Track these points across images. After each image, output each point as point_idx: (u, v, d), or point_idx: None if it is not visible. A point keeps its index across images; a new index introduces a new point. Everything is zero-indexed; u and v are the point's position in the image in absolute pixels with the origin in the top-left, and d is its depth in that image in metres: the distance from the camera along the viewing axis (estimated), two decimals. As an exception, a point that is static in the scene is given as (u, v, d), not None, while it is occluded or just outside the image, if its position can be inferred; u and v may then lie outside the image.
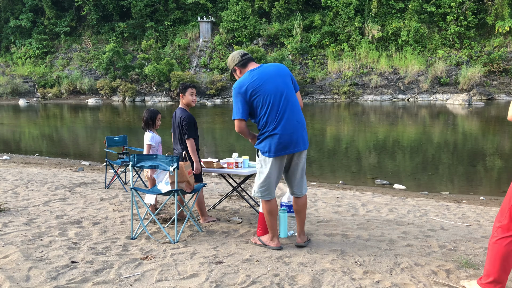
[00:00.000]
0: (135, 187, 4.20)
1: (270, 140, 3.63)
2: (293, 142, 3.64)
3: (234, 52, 3.86)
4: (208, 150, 11.97)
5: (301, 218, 3.90)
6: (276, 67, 3.73)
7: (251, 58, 3.83)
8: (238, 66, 3.81)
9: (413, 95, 29.97)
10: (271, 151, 3.63)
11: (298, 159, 3.75)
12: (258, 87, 3.61)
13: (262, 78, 3.64)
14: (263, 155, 3.70)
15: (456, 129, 16.27)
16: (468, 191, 7.68)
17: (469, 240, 4.26)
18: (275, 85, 3.63)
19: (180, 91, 4.73)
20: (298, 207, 3.89)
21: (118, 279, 3.16)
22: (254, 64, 3.79)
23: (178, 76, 31.11)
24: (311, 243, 4.00)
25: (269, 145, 3.63)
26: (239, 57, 3.80)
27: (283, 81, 3.68)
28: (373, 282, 3.15)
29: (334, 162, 10.36)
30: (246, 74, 3.69)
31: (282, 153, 3.63)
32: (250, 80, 3.63)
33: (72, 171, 8.68)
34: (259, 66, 3.75)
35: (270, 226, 3.83)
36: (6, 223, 4.56)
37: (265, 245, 3.87)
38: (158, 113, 5.37)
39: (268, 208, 3.78)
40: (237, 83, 3.69)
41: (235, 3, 34.86)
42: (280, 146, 3.61)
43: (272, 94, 3.61)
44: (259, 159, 3.77)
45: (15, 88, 36.56)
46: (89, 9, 38.12)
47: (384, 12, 32.57)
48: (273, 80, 3.65)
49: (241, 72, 3.81)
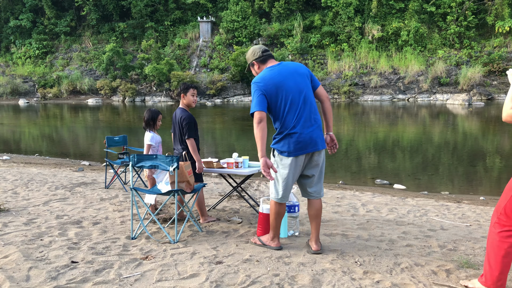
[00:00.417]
0: (135, 187, 4.20)
1: (288, 139, 3.53)
2: (312, 141, 3.56)
3: (256, 46, 3.78)
4: (208, 150, 11.97)
5: (318, 223, 3.75)
6: (296, 66, 3.66)
7: (271, 55, 3.76)
8: (258, 61, 3.73)
9: (413, 95, 29.97)
10: (291, 151, 3.53)
11: (318, 158, 3.65)
12: (278, 83, 3.53)
13: (282, 75, 3.57)
14: (281, 155, 3.59)
15: (456, 129, 16.27)
16: (468, 191, 7.68)
17: (469, 240, 4.26)
18: (295, 83, 3.57)
19: (181, 91, 4.72)
20: (315, 211, 3.72)
21: (118, 279, 3.16)
22: (274, 61, 3.72)
23: (178, 76, 31.10)
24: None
25: (288, 145, 3.53)
26: (260, 52, 3.72)
27: (302, 79, 3.61)
28: (373, 282, 3.15)
29: (334, 162, 10.35)
30: (266, 70, 3.62)
31: (300, 152, 3.54)
32: (270, 76, 3.56)
33: (72, 171, 8.68)
34: (278, 63, 3.67)
35: (274, 227, 3.78)
36: (6, 223, 4.56)
37: (265, 245, 3.84)
38: (159, 114, 5.38)
39: (278, 209, 3.71)
40: (257, 77, 3.61)
41: (235, 3, 34.85)
42: (300, 145, 3.52)
43: (292, 92, 3.54)
44: (275, 160, 3.65)
45: (15, 88, 36.55)
46: (89, 9, 38.11)
47: (384, 12, 32.56)
48: (293, 78, 3.58)
49: (259, 68, 3.73)
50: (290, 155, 3.55)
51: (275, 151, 3.65)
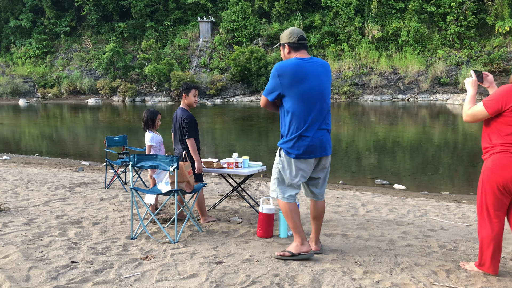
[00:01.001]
0: (135, 187, 4.20)
1: (299, 142, 3.42)
2: (322, 145, 3.49)
3: (295, 29, 3.56)
4: (208, 150, 11.97)
5: (319, 224, 3.73)
6: (324, 67, 3.53)
7: (306, 46, 3.56)
8: (290, 46, 3.52)
9: (413, 95, 29.97)
10: (300, 153, 3.43)
11: (325, 162, 3.61)
12: (299, 81, 3.38)
13: (308, 73, 3.41)
14: (288, 156, 3.48)
15: (456, 129, 16.27)
16: (468, 191, 7.68)
17: (469, 240, 4.26)
18: (318, 85, 3.44)
19: (183, 91, 4.71)
20: (317, 213, 3.69)
21: (118, 279, 3.16)
22: (306, 53, 3.54)
23: (178, 76, 31.09)
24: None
25: (298, 147, 3.43)
26: (297, 38, 3.50)
27: (326, 82, 3.51)
28: (373, 282, 3.15)
29: (334, 162, 10.35)
30: (294, 60, 3.44)
31: (309, 156, 3.45)
32: (293, 70, 3.39)
33: (72, 171, 8.68)
34: (309, 57, 3.49)
35: (294, 228, 3.54)
36: (6, 223, 4.56)
37: (297, 256, 3.51)
38: (158, 114, 5.38)
39: (287, 208, 3.53)
40: (279, 65, 3.43)
41: (235, 3, 34.85)
42: (310, 149, 3.43)
43: (313, 92, 3.41)
44: (281, 159, 3.54)
45: (15, 88, 36.53)
46: (89, 9, 38.09)
47: (384, 12, 32.56)
48: (317, 78, 3.44)
49: (289, 53, 3.53)
50: (298, 157, 3.45)
51: (282, 151, 3.54)
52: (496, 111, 3.04)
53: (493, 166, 3.05)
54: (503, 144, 3.03)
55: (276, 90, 3.45)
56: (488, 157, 3.11)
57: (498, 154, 3.04)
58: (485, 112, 3.07)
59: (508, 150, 3.01)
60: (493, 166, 3.05)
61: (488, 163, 3.10)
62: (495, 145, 3.07)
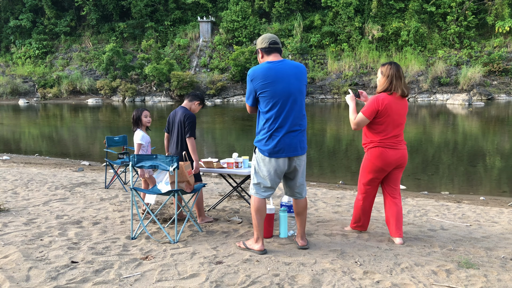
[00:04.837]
0: (135, 187, 4.20)
1: (270, 140, 3.58)
2: (292, 146, 3.60)
3: (267, 35, 3.69)
4: (208, 150, 11.97)
5: (303, 220, 3.86)
6: (296, 68, 3.61)
7: (278, 49, 3.65)
8: (263, 51, 3.65)
9: (413, 95, 29.97)
10: (270, 152, 3.59)
11: (299, 162, 3.70)
12: (269, 83, 3.52)
13: (277, 75, 3.53)
14: (262, 153, 3.64)
15: (456, 129, 16.26)
16: (468, 191, 7.68)
17: (469, 240, 4.26)
18: (287, 86, 3.55)
19: (198, 99, 4.76)
20: (299, 209, 3.84)
21: (118, 279, 3.16)
22: (278, 56, 3.64)
23: (178, 76, 31.09)
24: (310, 243, 4.00)
25: (268, 146, 3.58)
26: (268, 43, 3.62)
27: (297, 84, 3.59)
28: (373, 282, 3.15)
29: (334, 162, 10.35)
30: (265, 64, 3.58)
31: (279, 155, 3.59)
32: (263, 74, 3.53)
33: (72, 171, 8.67)
34: (280, 60, 3.60)
35: (255, 226, 3.72)
36: (6, 223, 4.56)
37: (248, 249, 3.78)
38: (144, 110, 5.37)
39: (256, 205, 3.67)
40: (251, 70, 3.60)
41: (235, 3, 34.85)
42: (278, 148, 3.57)
43: (282, 93, 3.54)
44: (256, 156, 3.72)
45: (15, 88, 36.52)
46: (89, 9, 38.08)
47: (384, 12, 32.56)
48: (287, 80, 3.55)
49: (262, 57, 3.68)
50: (270, 156, 3.60)
51: (256, 149, 3.71)
52: (371, 115, 3.93)
53: (371, 157, 4.01)
54: (374, 141, 3.99)
55: (252, 94, 3.64)
56: (367, 150, 4.07)
57: (373, 149, 4.00)
58: (365, 118, 3.96)
59: (379, 145, 3.96)
60: (371, 157, 4.01)
61: (367, 154, 4.05)
62: (371, 141, 4.01)
